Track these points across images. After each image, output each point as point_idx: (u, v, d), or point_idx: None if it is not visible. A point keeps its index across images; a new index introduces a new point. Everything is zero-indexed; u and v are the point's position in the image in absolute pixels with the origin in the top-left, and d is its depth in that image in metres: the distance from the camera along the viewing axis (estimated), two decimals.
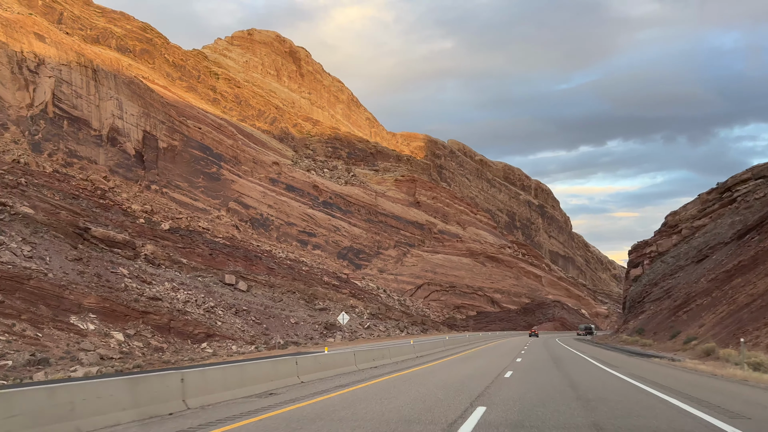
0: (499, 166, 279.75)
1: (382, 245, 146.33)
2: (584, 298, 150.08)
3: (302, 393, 15.14)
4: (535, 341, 56.30)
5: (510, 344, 48.44)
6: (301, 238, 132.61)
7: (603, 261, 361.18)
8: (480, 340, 55.99)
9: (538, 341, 57.21)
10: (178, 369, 21.72)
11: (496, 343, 50.92)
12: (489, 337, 64.17)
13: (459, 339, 47.81)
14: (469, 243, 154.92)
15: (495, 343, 51.10)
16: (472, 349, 40.18)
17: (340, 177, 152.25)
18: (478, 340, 55.43)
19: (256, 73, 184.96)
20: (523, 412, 11.21)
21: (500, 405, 12.18)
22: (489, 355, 32.22)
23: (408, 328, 67.90)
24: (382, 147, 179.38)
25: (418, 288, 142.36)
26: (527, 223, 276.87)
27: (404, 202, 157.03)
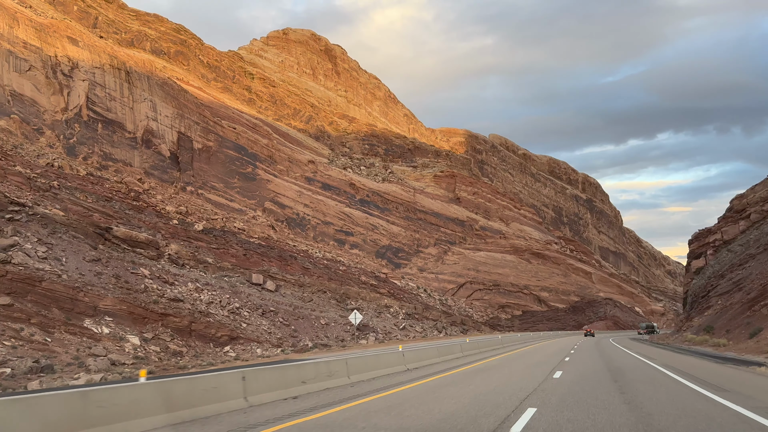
0: (543, 160, 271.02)
1: (421, 243, 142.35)
2: (638, 295, 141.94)
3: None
4: (586, 342, 51.32)
5: (554, 346, 43.78)
6: (339, 237, 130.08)
7: (656, 257, 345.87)
8: (516, 342, 51.44)
9: (589, 342, 52.19)
10: (237, 368, 20.30)
11: (538, 345, 46.34)
12: (532, 338, 59.41)
13: (489, 341, 43.40)
14: (513, 239, 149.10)
15: (536, 345, 46.54)
16: (498, 355, 35.80)
17: (377, 174, 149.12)
18: (514, 343, 50.92)
19: (292, 72, 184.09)
20: None
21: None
22: (518, 365, 25.02)
23: (447, 329, 63.68)
24: (420, 143, 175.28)
25: (460, 287, 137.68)
26: (575, 218, 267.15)
27: (444, 199, 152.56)
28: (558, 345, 46.35)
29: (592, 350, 37.09)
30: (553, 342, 53.55)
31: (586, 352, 34.61)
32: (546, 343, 51.86)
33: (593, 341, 55.42)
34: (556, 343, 51.12)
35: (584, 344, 47.60)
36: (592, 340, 57.85)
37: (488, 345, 40.11)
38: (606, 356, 29.52)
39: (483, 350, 37.30)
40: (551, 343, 50.34)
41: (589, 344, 47.43)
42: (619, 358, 28.36)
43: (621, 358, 28.46)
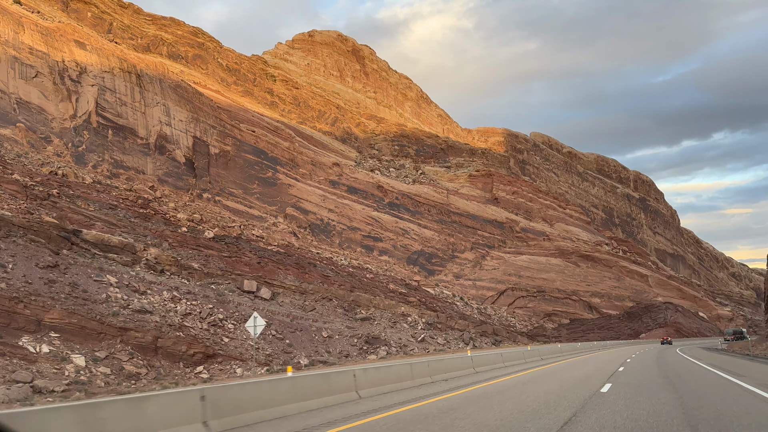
0: (590, 158, 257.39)
1: (457, 248, 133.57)
2: (701, 299, 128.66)
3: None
4: (646, 354, 41.87)
5: (598, 361, 34.80)
6: (366, 243, 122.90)
7: (719, 258, 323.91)
8: (554, 355, 42.61)
9: (650, 355, 42.63)
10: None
11: (578, 359, 37.48)
12: (578, 349, 50.28)
13: (513, 354, 34.91)
14: (558, 241, 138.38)
15: (576, 359, 37.66)
16: (514, 373, 27.20)
17: (407, 176, 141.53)
18: (552, 355, 42.10)
19: (319, 75, 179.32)
20: None
21: None
22: (532, 389, 17.91)
23: (476, 340, 54.99)
24: (454, 141, 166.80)
25: (500, 294, 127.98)
26: (627, 219, 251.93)
27: (480, 199, 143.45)
28: (605, 358, 37.44)
29: (653, 369, 27.93)
30: (601, 355, 44.55)
31: (642, 372, 25.66)
32: (590, 356, 42.92)
33: (653, 352, 46.19)
34: (606, 356, 42.11)
35: (646, 356, 38.48)
36: (652, 351, 48.52)
37: (512, 358, 31.94)
38: (678, 384, 19.82)
39: (495, 366, 29.27)
40: (596, 356, 41.36)
41: (649, 358, 38.19)
42: (701, 383, 19.42)
43: (705, 387, 19.11)
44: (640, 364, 31.25)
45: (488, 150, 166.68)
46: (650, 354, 42.86)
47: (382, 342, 46.86)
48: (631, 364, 32.09)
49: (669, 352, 39.99)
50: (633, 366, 30.30)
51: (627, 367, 29.52)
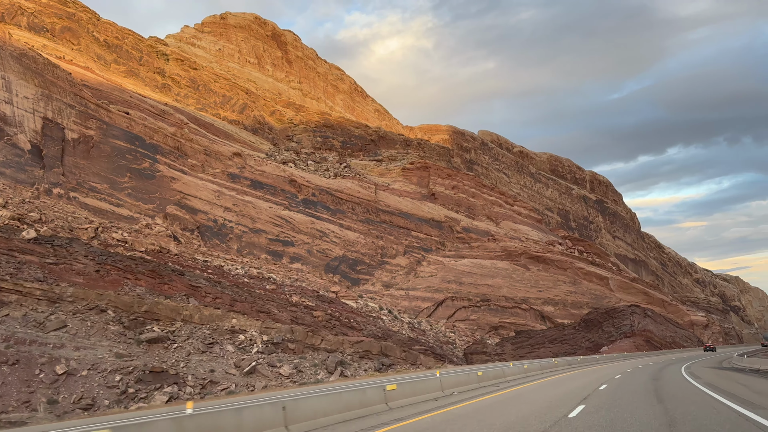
0: (543, 157, 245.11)
1: (387, 252, 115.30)
2: (670, 303, 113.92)
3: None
4: (636, 389, 22.79)
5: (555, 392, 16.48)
6: (273, 248, 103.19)
7: (682, 264, 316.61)
8: (468, 387, 24.38)
9: (646, 390, 23.09)
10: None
11: (509, 395, 19.31)
12: (515, 377, 32.01)
13: (356, 397, 15.51)
14: (505, 241, 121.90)
15: (508, 393, 19.57)
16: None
17: (328, 169, 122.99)
18: (465, 387, 23.84)
19: (232, 62, 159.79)
20: None
21: None
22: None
23: (348, 365, 36.07)
24: (386, 132, 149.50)
25: (438, 305, 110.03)
26: (585, 222, 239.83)
27: (415, 196, 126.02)
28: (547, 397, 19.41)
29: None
30: (562, 380, 26.82)
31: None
32: (536, 386, 24.99)
33: (644, 375, 28.99)
34: (548, 388, 24.16)
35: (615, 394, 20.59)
36: (644, 373, 31.21)
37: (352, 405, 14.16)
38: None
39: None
40: (553, 383, 23.34)
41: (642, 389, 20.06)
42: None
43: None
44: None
45: (425, 141, 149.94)
46: (646, 387, 24.10)
47: (172, 378, 27.85)
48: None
49: (686, 391, 21.25)
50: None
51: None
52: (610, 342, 69.66)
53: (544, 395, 21.33)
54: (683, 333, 76.03)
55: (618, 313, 71.77)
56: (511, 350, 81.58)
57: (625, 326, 69.17)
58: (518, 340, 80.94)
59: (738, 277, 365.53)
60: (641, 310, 74.35)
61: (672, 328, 74.11)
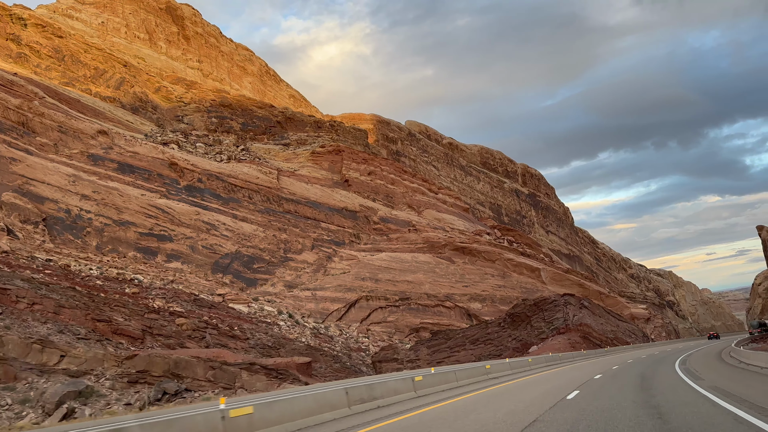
0: (474, 149, 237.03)
1: (291, 247, 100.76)
2: (609, 295, 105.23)
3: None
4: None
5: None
6: (146, 244, 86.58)
7: (616, 259, 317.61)
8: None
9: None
10: None
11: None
12: (412, 393, 18.99)
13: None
14: (428, 232, 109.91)
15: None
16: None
17: (221, 152, 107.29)
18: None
19: (119, 37, 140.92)
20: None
21: None
22: None
23: (95, 400, 22.78)
24: (294, 112, 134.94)
25: (350, 306, 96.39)
26: (517, 216, 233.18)
27: (326, 182, 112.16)
28: None
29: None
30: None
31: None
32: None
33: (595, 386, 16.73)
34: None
35: None
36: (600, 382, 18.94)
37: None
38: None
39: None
40: None
41: None
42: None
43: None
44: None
45: (340, 123, 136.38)
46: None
47: None
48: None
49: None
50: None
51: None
52: (540, 340, 58.19)
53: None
54: (626, 327, 65.80)
55: (549, 304, 60.58)
56: (427, 355, 68.92)
57: (557, 320, 58.03)
58: (435, 343, 68.39)
59: (671, 272, 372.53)
60: (576, 300, 63.46)
61: (613, 321, 63.76)
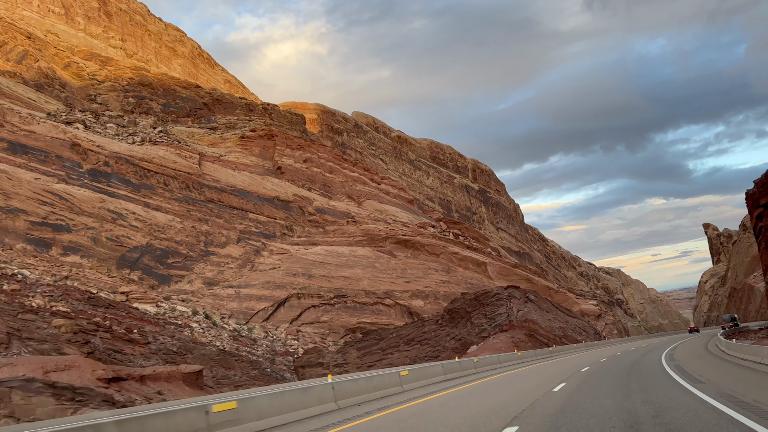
0: (423, 143, 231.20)
1: (213, 240, 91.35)
2: (558, 291, 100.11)
3: None
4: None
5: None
6: (38, 235, 75.72)
7: (566, 257, 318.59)
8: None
9: None
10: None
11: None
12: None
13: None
14: (368, 224, 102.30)
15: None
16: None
17: (134, 134, 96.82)
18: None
19: (29, 10, 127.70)
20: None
21: None
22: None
23: None
24: (223, 94, 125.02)
25: (279, 305, 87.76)
26: (467, 213, 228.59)
27: (256, 169, 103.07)
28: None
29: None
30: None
31: None
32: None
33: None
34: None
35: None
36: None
37: None
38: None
39: None
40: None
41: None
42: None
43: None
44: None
45: (275, 107, 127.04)
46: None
47: None
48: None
49: None
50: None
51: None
52: (481, 339, 51.34)
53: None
54: (576, 323, 59.61)
55: (491, 298, 53.75)
56: (357, 358, 61.21)
57: (500, 316, 51.32)
58: (366, 345, 60.71)
59: (620, 270, 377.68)
60: (521, 293, 56.82)
61: (562, 317, 57.49)
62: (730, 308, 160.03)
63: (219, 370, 64.37)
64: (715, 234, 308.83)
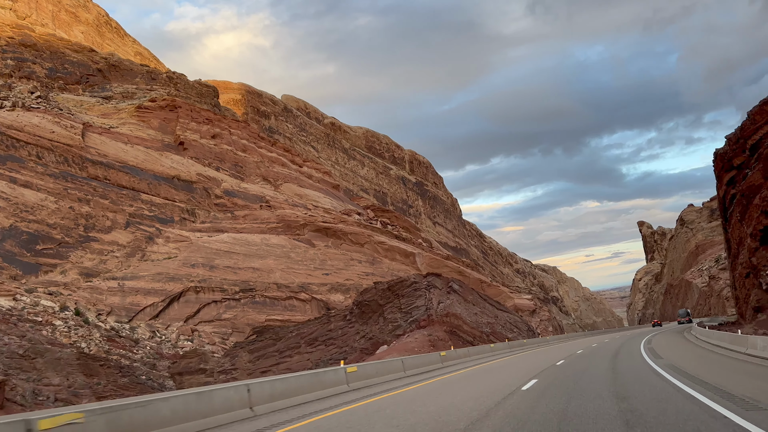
0: (358, 132, 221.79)
1: (96, 224, 78.66)
2: (491, 284, 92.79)
3: None
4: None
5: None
6: None
7: (503, 253, 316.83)
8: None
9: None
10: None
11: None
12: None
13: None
14: (285, 209, 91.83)
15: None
16: None
17: (5, 99, 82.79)
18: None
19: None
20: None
21: None
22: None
23: None
24: (121, 59, 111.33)
25: (172, 300, 76.13)
26: (404, 206, 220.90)
27: (154, 144, 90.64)
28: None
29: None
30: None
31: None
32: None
33: None
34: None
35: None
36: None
37: None
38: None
39: None
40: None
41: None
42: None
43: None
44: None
45: (182, 75, 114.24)
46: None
47: None
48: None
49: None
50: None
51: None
52: (395, 337, 42.34)
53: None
54: (508, 318, 51.15)
55: (408, 288, 44.70)
56: (248, 362, 50.98)
57: (418, 309, 42.48)
58: (260, 346, 50.57)
59: (555, 268, 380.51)
60: (443, 282, 47.89)
61: (491, 310, 48.98)
62: (666, 305, 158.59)
63: (77, 378, 52.71)
64: (650, 232, 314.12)
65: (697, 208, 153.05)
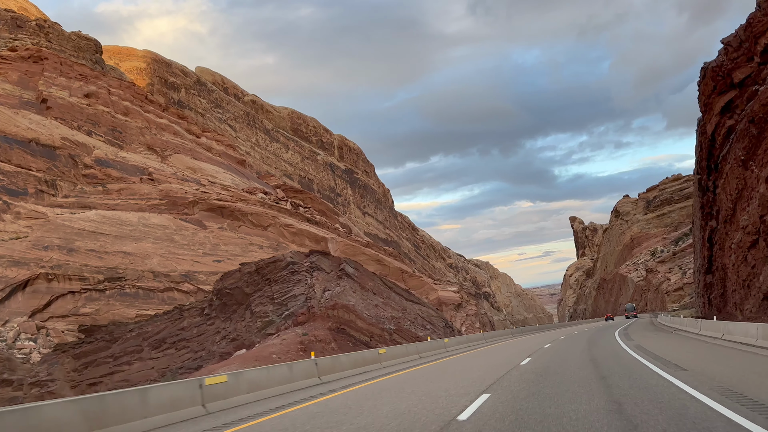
0: (283, 113, 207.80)
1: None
2: (413, 275, 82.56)
3: None
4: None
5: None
6: None
7: (436, 247, 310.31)
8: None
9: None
10: None
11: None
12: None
13: None
14: (172, 183, 78.20)
15: None
16: None
17: None
18: None
19: None
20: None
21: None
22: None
23: None
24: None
25: (15, 290, 61.50)
26: (332, 194, 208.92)
27: (8, 101, 74.95)
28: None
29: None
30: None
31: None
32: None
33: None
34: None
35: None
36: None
37: None
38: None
39: None
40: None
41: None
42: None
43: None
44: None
45: (55, 24, 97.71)
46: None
47: None
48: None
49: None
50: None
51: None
52: (264, 336, 30.98)
53: None
54: (419, 312, 40.35)
55: (282, 271, 33.08)
56: (74, 371, 38.26)
57: (296, 300, 31.26)
58: (90, 349, 37.98)
59: (488, 263, 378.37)
60: (333, 264, 36.11)
61: (399, 302, 38.13)
62: (599, 300, 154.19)
63: None
64: (581, 227, 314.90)
65: (633, 200, 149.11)
